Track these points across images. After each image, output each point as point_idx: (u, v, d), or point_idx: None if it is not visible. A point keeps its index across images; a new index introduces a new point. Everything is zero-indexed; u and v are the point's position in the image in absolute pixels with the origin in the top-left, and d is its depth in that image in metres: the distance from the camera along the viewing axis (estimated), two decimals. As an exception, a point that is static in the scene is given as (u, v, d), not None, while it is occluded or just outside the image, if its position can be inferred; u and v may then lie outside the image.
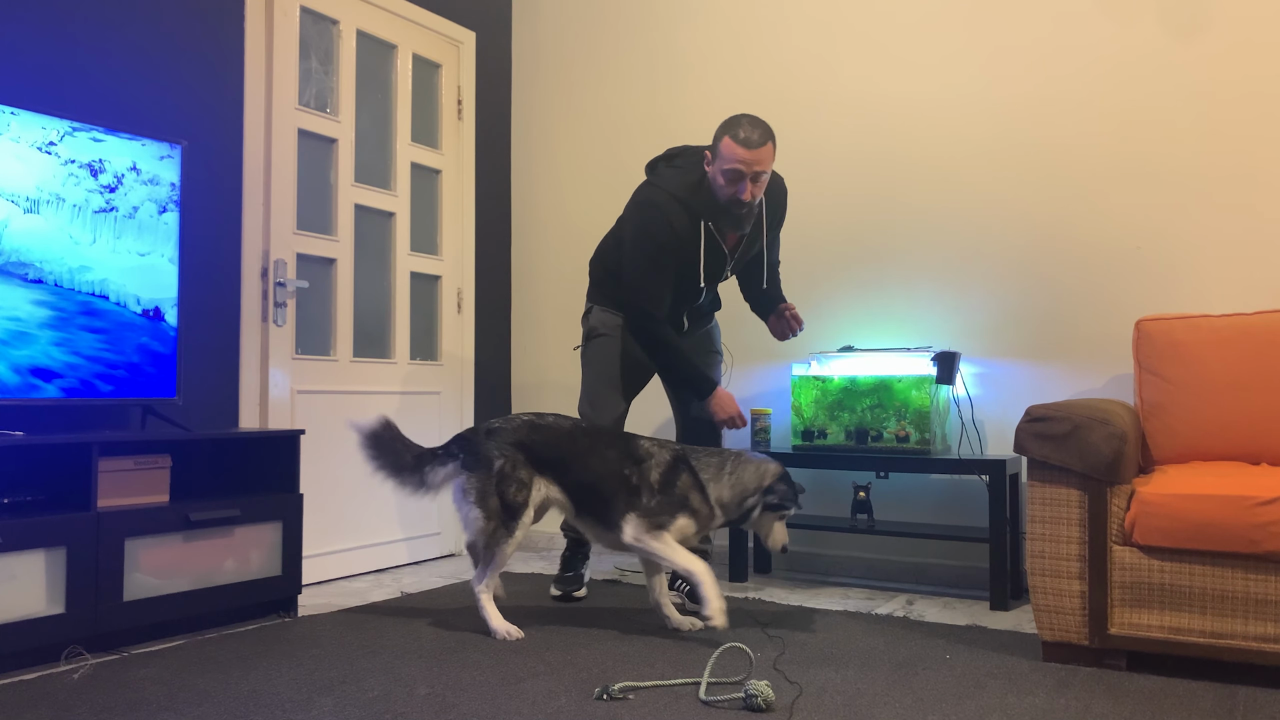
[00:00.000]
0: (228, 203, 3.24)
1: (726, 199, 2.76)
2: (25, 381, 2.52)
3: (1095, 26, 3.28)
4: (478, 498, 2.62)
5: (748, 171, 2.71)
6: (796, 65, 3.80)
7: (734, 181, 2.72)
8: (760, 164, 2.71)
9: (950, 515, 3.45)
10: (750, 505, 2.64)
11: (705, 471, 2.67)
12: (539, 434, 2.69)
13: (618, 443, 2.70)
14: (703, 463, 2.68)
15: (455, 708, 2.03)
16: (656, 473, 2.64)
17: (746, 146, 2.69)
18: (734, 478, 2.65)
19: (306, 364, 3.46)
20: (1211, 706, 2.05)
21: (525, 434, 2.68)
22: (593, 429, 2.76)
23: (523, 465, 2.64)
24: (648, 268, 2.83)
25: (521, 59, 4.45)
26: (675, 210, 2.82)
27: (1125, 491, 2.34)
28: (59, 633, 2.36)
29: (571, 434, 2.71)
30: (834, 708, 2.03)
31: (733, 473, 2.66)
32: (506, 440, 2.66)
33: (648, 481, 2.63)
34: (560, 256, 4.31)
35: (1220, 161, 3.09)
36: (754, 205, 2.80)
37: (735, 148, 2.70)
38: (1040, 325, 3.34)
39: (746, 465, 2.68)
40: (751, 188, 2.73)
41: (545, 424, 2.72)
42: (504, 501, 2.61)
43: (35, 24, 2.76)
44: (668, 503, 2.61)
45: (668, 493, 2.62)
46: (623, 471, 2.64)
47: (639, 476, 2.63)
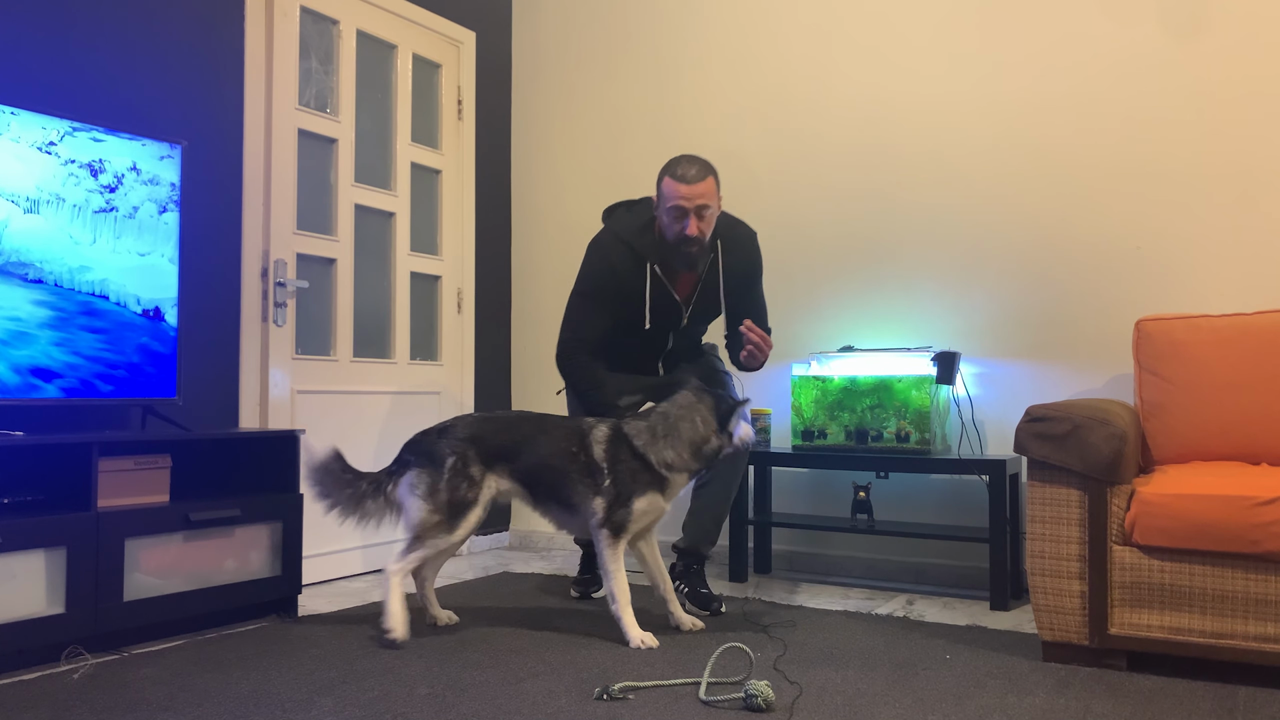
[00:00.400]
0: (228, 203, 3.24)
1: (674, 237, 2.79)
2: (25, 381, 2.52)
3: (1096, 27, 3.28)
4: (426, 491, 2.57)
5: (689, 206, 2.74)
6: (796, 65, 3.80)
7: (678, 219, 2.76)
8: (701, 198, 2.74)
9: (950, 515, 3.45)
10: (714, 449, 2.59)
11: (638, 439, 2.57)
12: (488, 426, 2.66)
13: (562, 423, 2.67)
14: (634, 429, 2.59)
15: (455, 708, 2.03)
16: (600, 449, 2.58)
17: (684, 182, 2.74)
18: (669, 439, 2.57)
19: (306, 364, 3.46)
20: (1211, 706, 2.05)
21: (476, 428, 2.65)
22: (537, 415, 2.72)
23: (475, 461, 2.60)
24: (578, 302, 2.94)
25: (521, 59, 4.45)
26: (618, 249, 2.89)
27: (1125, 491, 2.34)
28: (59, 633, 2.35)
29: (518, 422, 2.69)
30: (834, 708, 2.03)
31: (665, 435, 2.57)
32: (458, 437, 2.63)
33: (594, 459, 2.57)
34: (560, 256, 4.31)
35: (1220, 161, 3.09)
36: (703, 242, 2.81)
37: (674, 184, 2.75)
38: (1040, 325, 3.34)
39: (679, 421, 2.58)
40: (697, 223, 2.75)
41: (494, 416, 2.71)
42: (453, 499, 2.57)
43: (35, 24, 2.76)
44: (621, 486, 2.54)
45: (616, 472, 2.55)
46: (570, 449, 2.60)
47: (586, 453, 2.58)
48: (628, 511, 2.55)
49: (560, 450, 2.60)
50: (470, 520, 2.59)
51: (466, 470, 2.59)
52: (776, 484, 3.72)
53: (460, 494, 2.57)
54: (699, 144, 3.98)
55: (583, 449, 2.59)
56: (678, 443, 2.57)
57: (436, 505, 2.57)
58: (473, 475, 2.60)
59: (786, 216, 3.80)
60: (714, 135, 3.96)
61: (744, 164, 3.89)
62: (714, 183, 2.79)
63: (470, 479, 2.59)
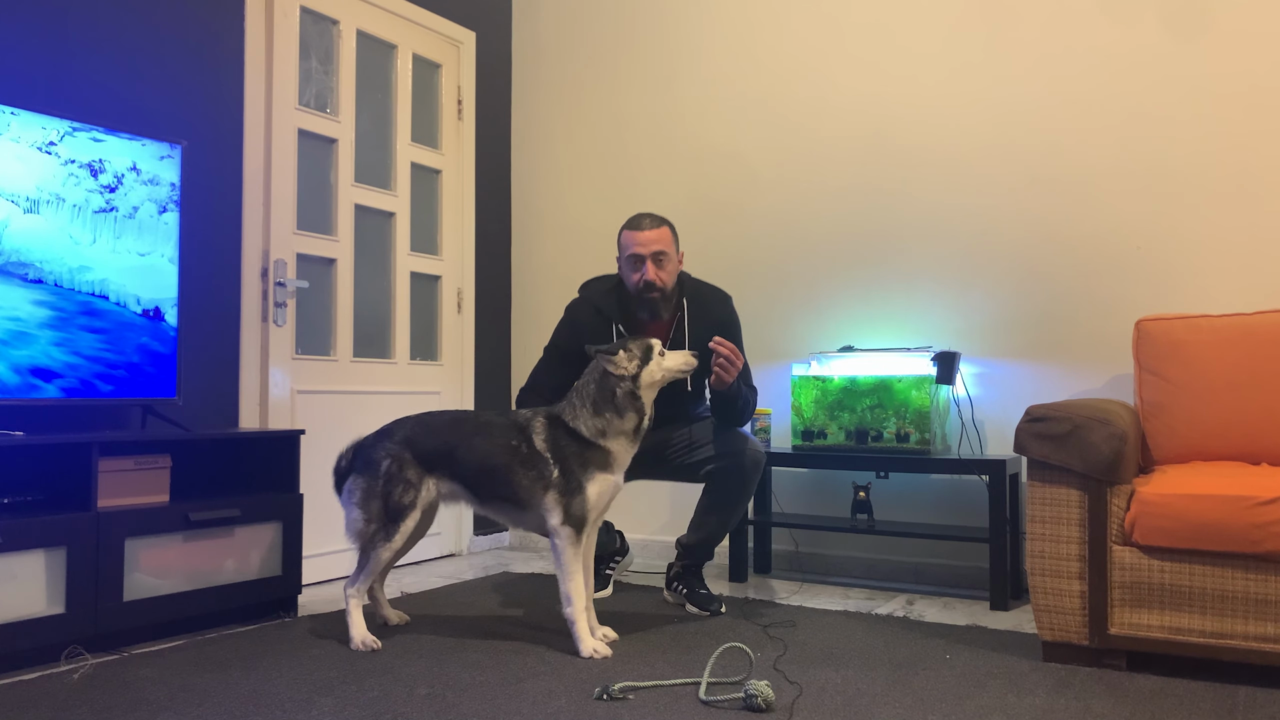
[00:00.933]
0: (228, 203, 3.24)
1: (634, 286, 2.88)
2: (25, 381, 2.52)
3: (1096, 27, 3.28)
4: (360, 499, 2.55)
5: (645, 253, 2.84)
6: (796, 64, 3.80)
7: (636, 266, 2.87)
8: (655, 244, 2.84)
9: (950, 515, 3.45)
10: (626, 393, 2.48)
11: (567, 415, 2.51)
12: (424, 427, 2.60)
13: (500, 418, 2.61)
14: (562, 407, 2.54)
15: (455, 708, 2.03)
16: (540, 439, 2.51)
17: (639, 229, 2.86)
18: (592, 404, 2.50)
19: (306, 364, 3.46)
20: (1211, 706, 2.05)
21: (411, 430, 2.60)
22: (475, 413, 2.68)
23: (410, 464, 2.55)
24: (542, 358, 3.08)
25: (521, 59, 4.45)
26: (585, 310, 3.02)
27: (1125, 491, 2.34)
28: (59, 633, 2.36)
29: (456, 421, 2.62)
30: (834, 708, 2.03)
31: (587, 401, 2.51)
32: (395, 440, 2.58)
33: (536, 450, 2.50)
34: (560, 256, 4.31)
35: (1221, 161, 3.09)
36: (664, 290, 2.88)
37: (630, 234, 2.87)
38: (1040, 325, 3.34)
39: (590, 383, 2.52)
40: (654, 269, 2.84)
41: (432, 417, 2.65)
42: (388, 504, 2.52)
43: (35, 24, 2.76)
44: (569, 474, 2.47)
45: (562, 458, 2.48)
46: (510, 443, 2.52)
47: (528, 444, 2.51)
48: (584, 500, 2.46)
49: (501, 445, 2.53)
50: (407, 525, 2.54)
51: (403, 474, 2.54)
52: (776, 484, 3.72)
53: (395, 499, 2.53)
54: (699, 143, 3.98)
55: (524, 440, 2.52)
56: (599, 404, 2.49)
57: (372, 514, 2.54)
58: (409, 479, 2.54)
59: (787, 216, 3.80)
60: (714, 135, 3.96)
61: (745, 164, 3.89)
62: (669, 232, 2.89)
63: (406, 482, 2.54)
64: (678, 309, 2.97)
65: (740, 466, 2.92)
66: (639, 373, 2.50)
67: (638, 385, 2.50)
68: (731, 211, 3.92)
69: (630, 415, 2.50)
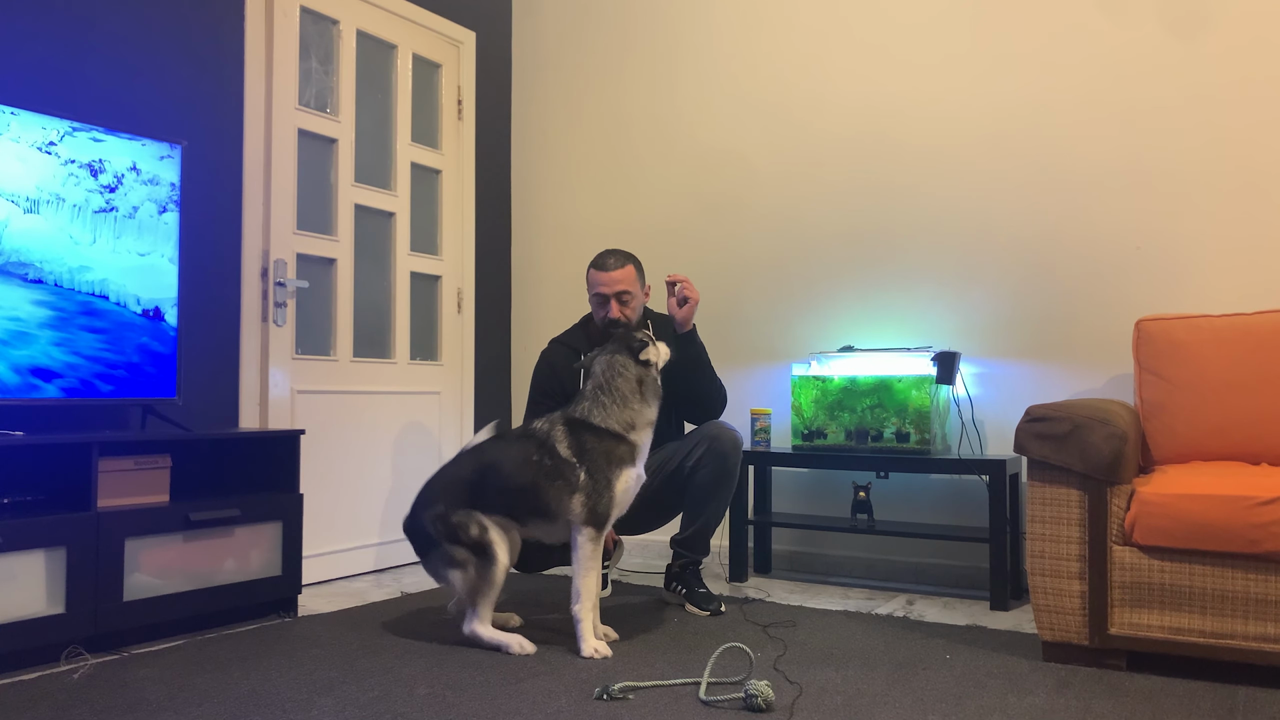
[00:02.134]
0: (228, 203, 3.24)
1: (601, 322, 3.00)
2: (25, 381, 2.52)
3: (1096, 26, 3.28)
4: (446, 563, 2.51)
5: (609, 293, 2.96)
6: (796, 64, 3.80)
7: (601, 305, 2.99)
8: (620, 284, 2.96)
9: (950, 515, 3.45)
10: (650, 385, 2.55)
11: (594, 416, 2.52)
12: (450, 474, 2.60)
13: (517, 437, 2.60)
14: (583, 409, 2.55)
15: (455, 708, 2.03)
16: (564, 446, 2.52)
17: (604, 270, 2.97)
18: (616, 399, 2.53)
19: (306, 364, 3.46)
20: (1211, 706, 2.05)
21: (444, 482, 2.58)
22: (488, 444, 2.66)
23: (458, 509, 2.53)
24: (528, 410, 3.11)
25: (521, 59, 4.45)
26: (556, 351, 3.12)
27: (1125, 491, 2.34)
28: (59, 633, 2.36)
29: (477, 452, 2.63)
30: (834, 708, 2.03)
31: (611, 397, 2.53)
32: (435, 499, 2.56)
33: (562, 458, 2.50)
34: (560, 257, 4.31)
35: (1221, 161, 3.09)
36: (628, 325, 2.95)
37: (596, 274, 2.99)
38: (1040, 325, 3.34)
39: (611, 379, 2.54)
40: (619, 307, 2.96)
41: (453, 463, 2.63)
42: (469, 544, 2.49)
43: (35, 24, 2.76)
44: (598, 473, 2.48)
45: (589, 460, 2.49)
46: (532, 458, 2.52)
47: (551, 455, 2.51)
48: (610, 498, 2.49)
49: (525, 462, 2.53)
50: (499, 550, 2.50)
51: (456, 518, 2.51)
52: (776, 484, 3.72)
53: (471, 537, 2.49)
54: (699, 143, 3.99)
55: (546, 452, 2.52)
56: (627, 397, 2.53)
57: (462, 562, 2.50)
58: (462, 521, 2.51)
59: (787, 215, 3.80)
60: (713, 134, 3.96)
61: (744, 163, 3.89)
62: (633, 271, 3.00)
63: (462, 524, 2.51)
64: None
65: (720, 452, 2.93)
66: (651, 366, 2.59)
67: (659, 371, 2.60)
68: (731, 211, 3.92)
69: (655, 402, 2.59)
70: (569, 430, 2.54)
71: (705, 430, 2.99)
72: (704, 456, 2.94)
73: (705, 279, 3.95)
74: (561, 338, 3.17)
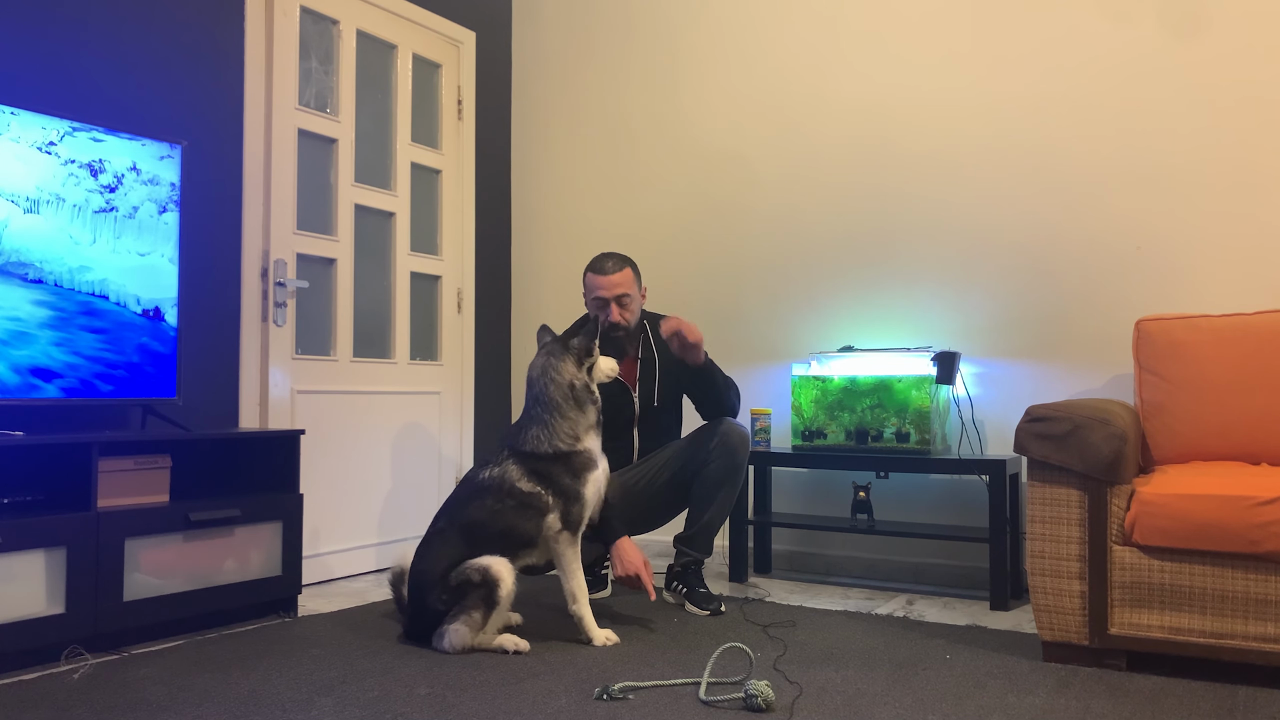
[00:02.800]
0: (228, 203, 3.24)
1: (602, 325, 2.98)
2: (25, 381, 2.52)
3: (1095, 27, 3.28)
4: (456, 621, 2.46)
5: (608, 296, 2.98)
6: (796, 65, 3.80)
7: (601, 308, 3.01)
8: (619, 287, 2.98)
9: (950, 515, 3.45)
10: (583, 388, 2.61)
11: (538, 444, 2.56)
12: (433, 538, 2.58)
13: (477, 487, 2.58)
14: (526, 440, 2.58)
15: (455, 708, 2.03)
16: (525, 482, 2.54)
17: (602, 273, 2.99)
18: (552, 414, 2.57)
19: (306, 364, 3.46)
20: (1211, 706, 2.05)
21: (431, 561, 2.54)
22: (457, 498, 2.64)
23: (452, 554, 2.50)
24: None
25: (521, 59, 4.45)
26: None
27: (1125, 491, 2.34)
28: (59, 633, 2.36)
29: (451, 513, 2.61)
30: (834, 708, 2.03)
31: (547, 414, 2.58)
32: (429, 566, 2.52)
33: (525, 492, 2.53)
34: (560, 256, 4.31)
35: (1221, 162, 3.09)
36: (627, 328, 3.03)
37: (594, 277, 3.01)
38: (1040, 325, 3.34)
39: (545, 389, 2.60)
40: (618, 310, 2.99)
41: (430, 534, 2.60)
42: (474, 590, 2.45)
43: (35, 24, 2.76)
44: (565, 491, 2.53)
45: (553, 484, 2.53)
46: (498, 505, 2.53)
47: (514, 495, 2.53)
48: (582, 505, 2.57)
49: (494, 512, 2.53)
50: (501, 572, 2.48)
51: (453, 574, 2.48)
52: (776, 484, 3.72)
53: (473, 580, 2.46)
54: (699, 144, 3.99)
55: (507, 494, 2.54)
56: (562, 407, 2.58)
57: (470, 616, 2.46)
58: (463, 568, 2.49)
59: (787, 216, 3.80)
60: (713, 135, 3.96)
61: (745, 164, 3.89)
62: (631, 273, 3.02)
63: (465, 572, 2.48)
64: (643, 344, 3.12)
65: (729, 449, 2.95)
66: (591, 370, 2.66)
67: (591, 379, 2.66)
68: (732, 211, 3.92)
69: (591, 409, 2.64)
70: (520, 465, 2.57)
71: (713, 427, 3.01)
72: (712, 453, 2.96)
73: (705, 279, 3.95)
74: (562, 338, 3.16)
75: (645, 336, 3.13)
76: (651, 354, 3.12)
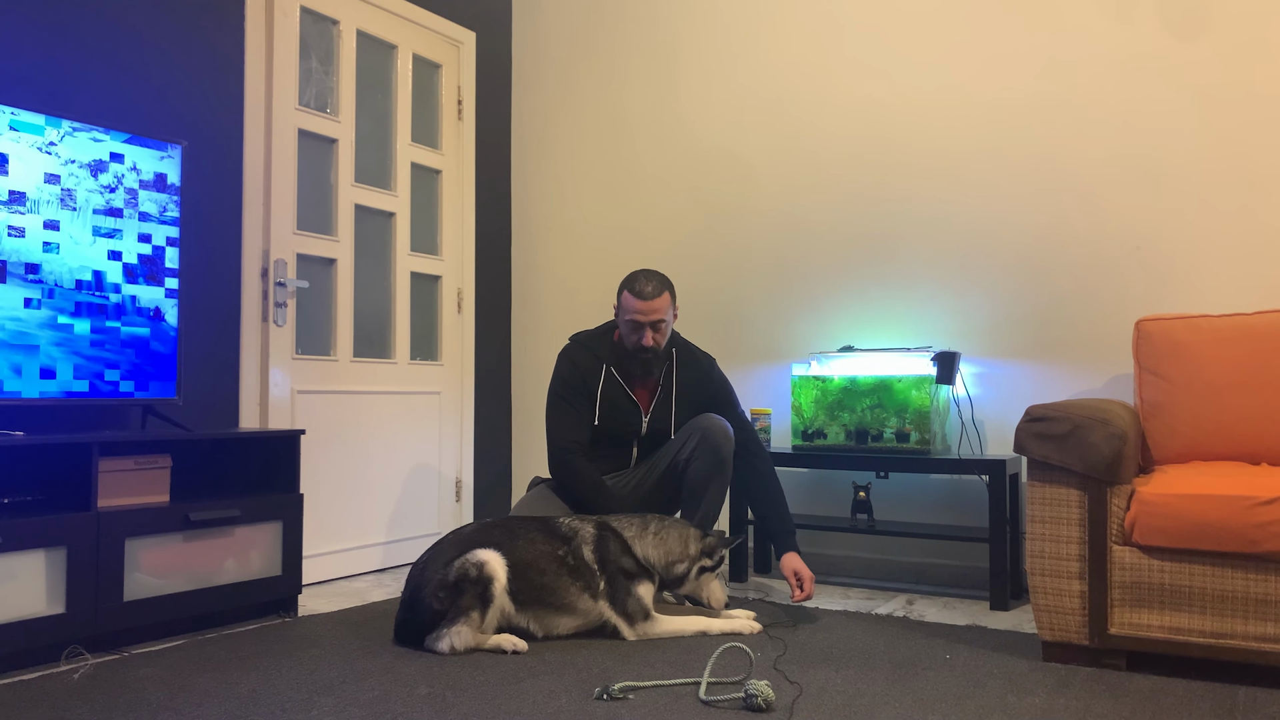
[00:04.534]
0: (228, 203, 3.24)
1: (632, 346, 3.01)
2: (25, 381, 2.52)
3: (1095, 27, 3.28)
4: (453, 621, 2.45)
5: (645, 320, 2.96)
6: (796, 65, 3.80)
7: (635, 330, 2.99)
8: (656, 313, 2.96)
9: (950, 515, 3.45)
10: (683, 571, 2.69)
11: (628, 532, 2.67)
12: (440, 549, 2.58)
13: (543, 525, 2.62)
14: (622, 524, 2.69)
15: (455, 708, 2.03)
16: (589, 550, 2.60)
17: (641, 298, 2.96)
18: (657, 539, 2.69)
19: (306, 364, 3.46)
20: (1211, 706, 2.05)
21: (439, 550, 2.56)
22: (510, 521, 2.66)
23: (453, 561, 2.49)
24: (556, 406, 3.05)
25: (521, 59, 4.45)
26: (579, 352, 3.10)
27: (1125, 491, 2.34)
28: (59, 633, 2.36)
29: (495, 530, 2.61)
30: (834, 708, 2.03)
31: (655, 535, 2.69)
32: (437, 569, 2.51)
33: (584, 561, 2.58)
34: (560, 257, 4.31)
35: (1221, 162, 3.09)
36: (658, 351, 3.02)
37: (632, 300, 2.97)
38: (1040, 325, 3.34)
39: (669, 529, 2.72)
40: (652, 334, 2.98)
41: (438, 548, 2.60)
42: (470, 587, 2.45)
43: (36, 24, 2.76)
44: (617, 585, 2.59)
45: (608, 571, 2.59)
46: (557, 552, 2.56)
47: (574, 556, 2.57)
48: (636, 599, 2.60)
49: (547, 554, 2.56)
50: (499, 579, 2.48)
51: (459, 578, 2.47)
52: (776, 484, 3.72)
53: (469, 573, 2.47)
54: (699, 144, 3.99)
55: (570, 551, 2.58)
56: (662, 546, 2.68)
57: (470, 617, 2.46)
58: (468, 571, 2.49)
59: (787, 216, 3.80)
60: (714, 135, 3.96)
61: (745, 164, 3.89)
62: (669, 298, 3.01)
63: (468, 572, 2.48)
64: (667, 366, 3.10)
65: (713, 444, 2.93)
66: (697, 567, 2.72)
67: (691, 575, 2.72)
68: (732, 211, 3.92)
69: (671, 580, 2.70)
70: (598, 536, 2.64)
71: (696, 423, 2.99)
72: (696, 449, 2.94)
73: (705, 279, 3.95)
74: (584, 340, 3.13)
75: (669, 359, 3.10)
76: (671, 383, 3.09)
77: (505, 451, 4.36)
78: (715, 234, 3.94)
